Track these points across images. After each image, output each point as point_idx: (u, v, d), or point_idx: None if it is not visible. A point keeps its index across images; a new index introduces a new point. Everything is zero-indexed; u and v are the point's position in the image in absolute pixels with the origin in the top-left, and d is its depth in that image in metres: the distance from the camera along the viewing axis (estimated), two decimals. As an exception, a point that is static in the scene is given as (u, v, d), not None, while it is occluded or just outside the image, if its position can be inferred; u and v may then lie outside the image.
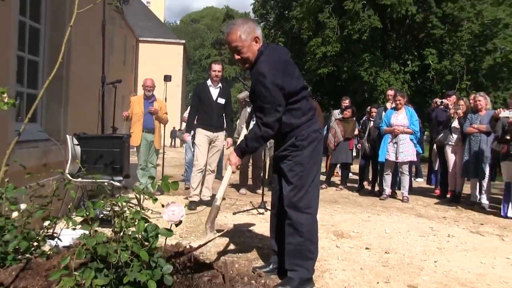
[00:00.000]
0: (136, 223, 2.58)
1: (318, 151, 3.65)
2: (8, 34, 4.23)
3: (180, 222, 2.91)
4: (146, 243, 2.60)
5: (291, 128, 3.55)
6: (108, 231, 2.81)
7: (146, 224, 2.64)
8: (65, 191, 3.79)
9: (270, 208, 6.42)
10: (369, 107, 10.99)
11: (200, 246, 3.41)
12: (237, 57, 3.66)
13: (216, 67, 7.24)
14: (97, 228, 2.58)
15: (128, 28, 33.06)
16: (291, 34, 33.28)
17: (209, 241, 3.61)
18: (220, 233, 3.93)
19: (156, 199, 2.79)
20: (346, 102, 11.16)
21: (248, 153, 3.95)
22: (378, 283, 3.82)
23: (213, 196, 7.23)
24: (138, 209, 2.72)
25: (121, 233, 2.56)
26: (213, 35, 65.81)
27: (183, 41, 43.18)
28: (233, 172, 3.77)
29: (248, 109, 8.77)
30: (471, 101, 8.90)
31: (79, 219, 2.66)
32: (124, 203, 2.63)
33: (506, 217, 7.35)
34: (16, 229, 2.97)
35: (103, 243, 2.45)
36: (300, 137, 3.54)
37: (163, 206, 2.85)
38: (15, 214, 3.02)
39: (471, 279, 4.08)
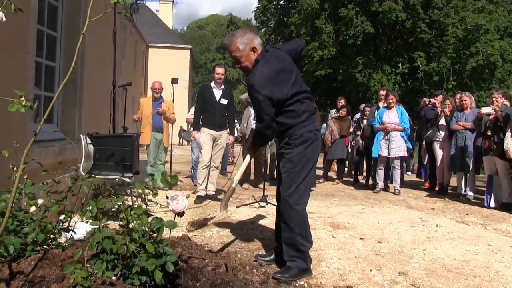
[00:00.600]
0: (139, 218, 2.60)
1: (312, 150, 3.60)
2: (27, 41, 4.23)
3: (183, 213, 2.92)
4: (153, 235, 2.61)
5: (286, 128, 3.57)
6: (117, 224, 2.81)
7: (150, 218, 2.65)
8: (79, 187, 3.80)
9: (271, 202, 6.48)
10: (362, 105, 10.99)
11: (213, 222, 3.71)
12: (237, 66, 3.76)
13: (219, 70, 7.23)
14: (107, 222, 2.60)
15: (138, 35, 33.04)
16: (290, 39, 33.23)
17: (221, 218, 3.74)
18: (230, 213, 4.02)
19: (156, 194, 2.81)
20: (341, 102, 11.10)
21: (259, 146, 4.07)
22: (371, 270, 3.81)
23: (217, 191, 7.30)
24: (142, 204, 2.73)
25: (128, 227, 2.57)
26: (218, 41, 65.67)
27: (190, 46, 43.12)
28: (250, 158, 3.98)
29: (251, 109, 8.77)
30: (457, 100, 8.90)
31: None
32: (129, 199, 2.65)
33: (488, 207, 7.40)
34: (34, 222, 2.98)
35: (110, 237, 2.46)
36: (294, 136, 3.54)
37: (167, 197, 2.86)
38: (33, 209, 3.03)
39: (457, 265, 4.07)
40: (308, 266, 3.61)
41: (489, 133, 7.39)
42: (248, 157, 3.93)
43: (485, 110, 7.50)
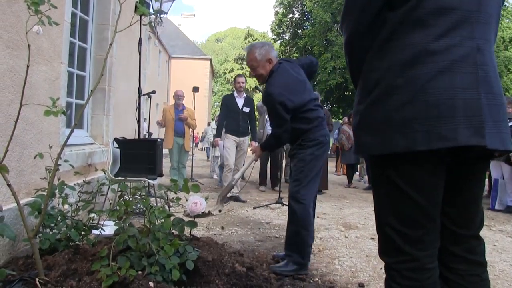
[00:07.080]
0: (162, 219, 2.66)
1: (321, 153, 3.64)
2: (61, 52, 4.30)
3: (202, 214, 2.94)
4: (175, 233, 2.65)
5: (300, 132, 3.62)
6: (141, 222, 2.86)
7: (172, 218, 2.70)
8: (107, 188, 3.83)
9: (286, 203, 6.47)
10: None
11: (206, 215, 3.25)
12: (252, 73, 3.84)
13: (240, 79, 7.52)
14: (133, 220, 2.64)
15: (161, 46, 33.27)
16: (304, 50, 33.33)
17: (214, 210, 3.48)
18: (226, 208, 3.89)
19: (179, 198, 2.85)
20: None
21: (270, 149, 3.99)
22: (381, 268, 3.80)
23: (239, 192, 7.34)
24: (165, 205, 2.78)
25: (151, 226, 2.63)
26: (236, 52, 65.79)
27: (210, 57, 43.31)
28: (255, 160, 4.02)
29: (266, 116, 8.80)
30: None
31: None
32: (152, 200, 2.70)
33: (493, 209, 7.33)
34: (67, 220, 3.04)
35: (134, 236, 2.50)
36: (306, 139, 3.61)
37: (186, 200, 2.89)
38: (66, 207, 3.09)
39: (464, 265, 4.04)
40: (305, 262, 3.54)
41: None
42: (252, 158, 4.02)
43: None
